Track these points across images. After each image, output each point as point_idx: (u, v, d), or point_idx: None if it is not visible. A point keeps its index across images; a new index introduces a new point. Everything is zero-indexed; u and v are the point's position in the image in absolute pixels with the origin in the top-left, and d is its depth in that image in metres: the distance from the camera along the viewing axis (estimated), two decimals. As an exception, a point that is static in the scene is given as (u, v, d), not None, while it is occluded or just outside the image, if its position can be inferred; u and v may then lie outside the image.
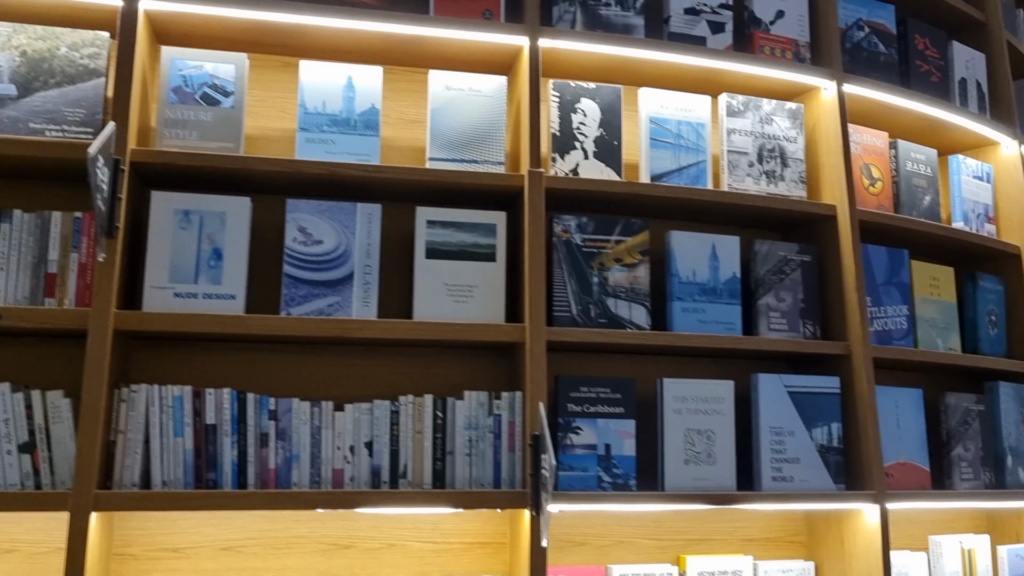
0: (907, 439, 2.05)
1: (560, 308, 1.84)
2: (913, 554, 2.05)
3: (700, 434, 1.85)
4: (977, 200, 2.43)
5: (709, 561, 1.92)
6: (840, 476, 1.93)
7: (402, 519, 1.82)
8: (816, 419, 1.94)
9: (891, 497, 1.92)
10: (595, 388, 1.80)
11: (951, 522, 2.31)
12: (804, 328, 2.01)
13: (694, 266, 1.94)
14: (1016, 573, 2.22)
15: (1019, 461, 2.25)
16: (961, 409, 2.17)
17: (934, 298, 2.24)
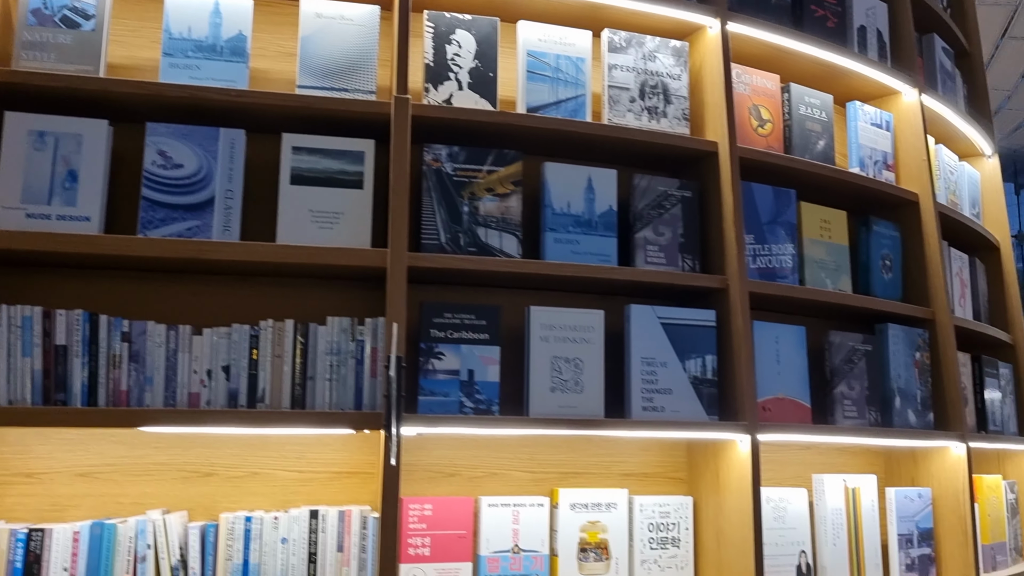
0: (787, 375, 2.05)
1: (429, 236, 1.83)
2: (794, 490, 2.05)
3: (568, 362, 1.84)
4: (875, 147, 2.43)
5: (582, 494, 1.91)
6: (714, 408, 1.93)
7: (266, 447, 1.81)
8: (690, 351, 1.94)
9: (764, 429, 1.92)
10: (460, 315, 1.79)
11: (844, 464, 2.31)
12: (683, 263, 2.01)
13: (569, 198, 1.93)
14: (904, 514, 2.23)
15: (908, 403, 2.25)
16: (846, 348, 2.17)
17: (824, 240, 2.24)
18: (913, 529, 2.23)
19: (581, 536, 1.90)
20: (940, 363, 2.33)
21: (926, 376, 2.31)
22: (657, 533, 1.96)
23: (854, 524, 2.12)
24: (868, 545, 2.13)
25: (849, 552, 2.09)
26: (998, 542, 2.53)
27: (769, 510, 2.00)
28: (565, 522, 1.89)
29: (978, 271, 2.83)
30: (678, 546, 1.97)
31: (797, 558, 2.01)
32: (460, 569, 1.81)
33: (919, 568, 2.22)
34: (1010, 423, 2.74)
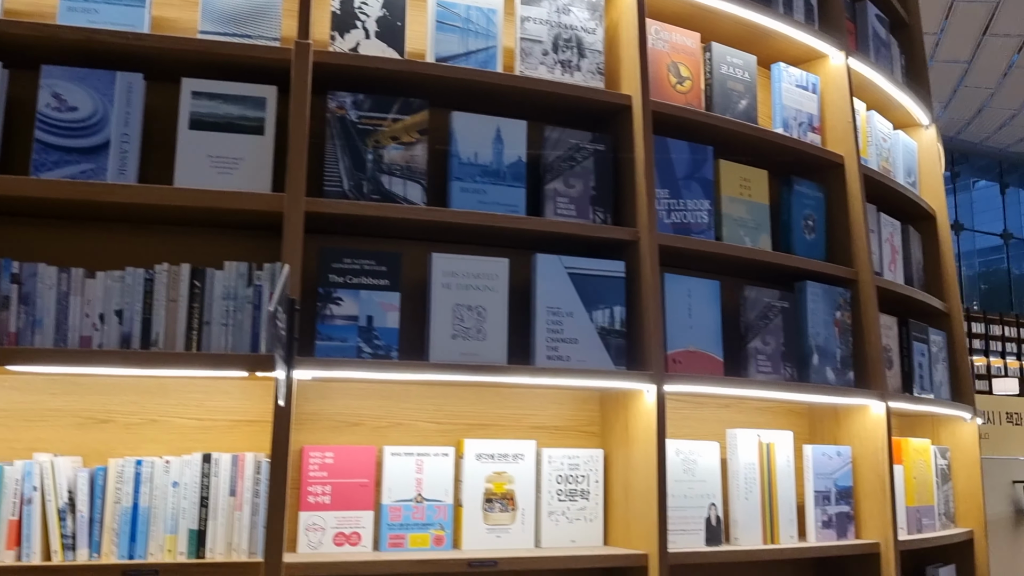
0: (699, 329, 2.05)
1: (331, 183, 1.82)
2: (705, 443, 2.05)
3: (470, 310, 1.83)
4: (800, 109, 2.43)
5: (489, 444, 1.90)
6: (621, 359, 1.93)
7: (165, 394, 1.79)
8: (598, 302, 1.94)
9: (671, 379, 1.92)
10: (359, 260, 1.78)
11: (765, 423, 2.31)
12: (594, 215, 2.01)
13: (476, 148, 1.93)
14: (822, 472, 2.23)
15: (827, 361, 2.25)
16: (762, 304, 2.17)
17: (744, 198, 2.24)
18: (831, 487, 2.23)
19: (487, 487, 1.89)
20: (862, 323, 2.33)
21: (847, 335, 2.32)
22: (566, 485, 1.95)
23: (768, 479, 2.12)
24: (783, 501, 2.13)
25: (762, 507, 2.09)
26: (925, 505, 2.53)
27: (678, 462, 2.00)
28: (471, 472, 1.88)
29: (912, 239, 2.84)
30: (587, 498, 1.96)
31: (707, 511, 2.01)
32: (361, 517, 1.80)
33: (836, 525, 2.22)
34: (942, 389, 2.74)
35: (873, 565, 2.23)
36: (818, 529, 2.19)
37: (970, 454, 2.78)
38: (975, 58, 15.94)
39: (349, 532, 1.79)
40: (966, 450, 2.79)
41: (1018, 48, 15.24)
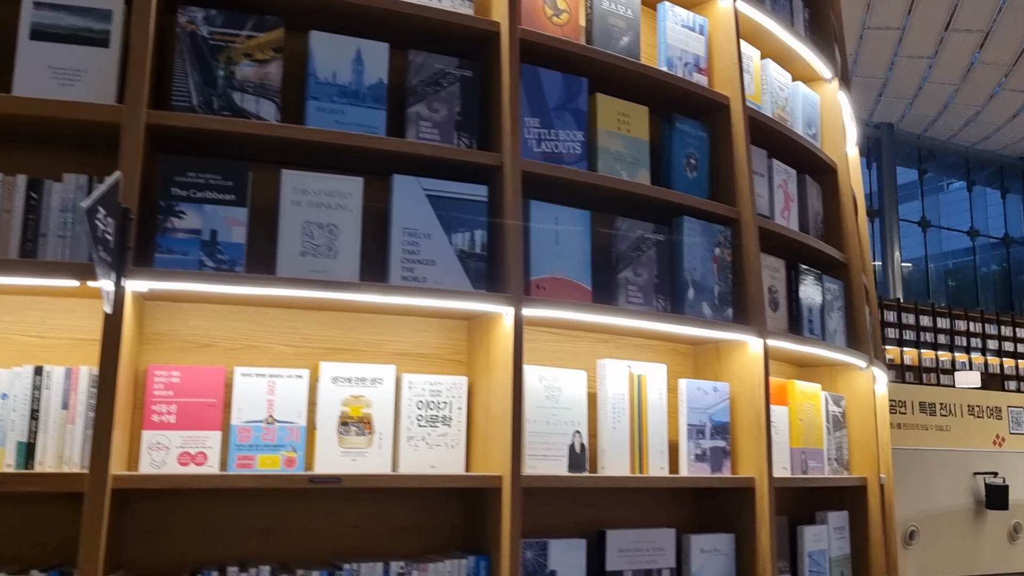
0: (566, 257, 2.04)
1: (179, 98, 1.79)
2: (571, 371, 2.04)
3: (321, 228, 1.81)
4: (686, 50, 2.43)
5: (346, 368, 1.88)
6: (481, 283, 1.91)
7: (8, 311, 1.76)
8: (458, 225, 1.92)
9: (531, 303, 1.91)
10: (204, 174, 1.76)
11: (647, 359, 2.30)
12: (459, 141, 1.99)
13: (335, 68, 1.91)
14: (697, 406, 2.23)
15: (704, 296, 2.25)
16: (635, 236, 2.16)
17: (622, 133, 2.24)
18: (706, 421, 2.23)
19: (343, 410, 1.87)
20: (742, 261, 2.34)
21: (726, 273, 2.32)
22: (427, 411, 1.93)
23: (638, 410, 2.12)
24: (653, 432, 2.13)
25: (631, 437, 2.09)
26: (812, 448, 2.54)
27: (541, 389, 1.99)
28: (326, 395, 1.86)
29: (811, 189, 2.85)
30: (449, 425, 1.95)
31: (571, 438, 2.00)
32: (208, 437, 1.77)
33: (711, 459, 2.22)
34: (837, 337, 2.76)
35: (748, 499, 2.23)
36: (691, 462, 2.18)
37: (865, 403, 2.80)
38: (938, 54, 16.14)
39: (195, 452, 1.77)
40: (861, 399, 2.81)
41: (980, 44, 15.43)
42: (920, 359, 19.15)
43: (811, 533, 2.48)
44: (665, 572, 2.07)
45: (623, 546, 2.02)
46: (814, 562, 2.47)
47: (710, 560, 2.17)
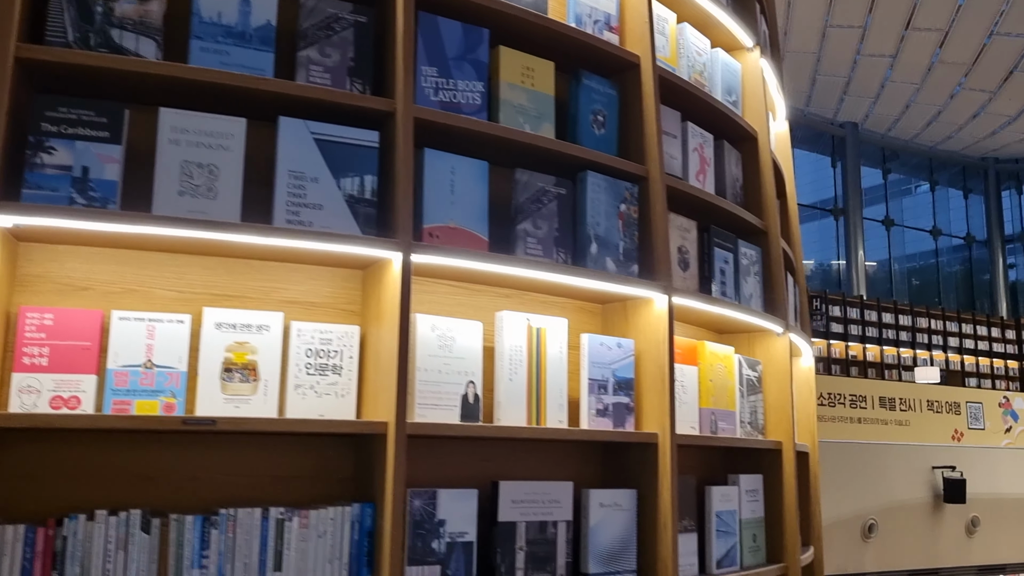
0: (462, 206, 2.02)
1: (55, 34, 1.75)
2: (466, 322, 2.02)
3: (201, 168, 1.78)
4: (596, 7, 2.43)
5: (231, 313, 1.85)
6: (371, 229, 1.89)
7: None
8: (347, 170, 1.90)
9: (421, 249, 1.89)
10: (77, 110, 1.71)
11: (560, 315, 2.29)
12: (352, 86, 1.97)
13: (220, 8, 1.87)
14: (599, 361, 2.22)
15: (608, 251, 2.24)
16: (536, 187, 2.15)
17: (526, 87, 2.22)
18: (609, 376, 2.22)
19: (227, 356, 1.83)
20: (649, 219, 2.33)
21: (632, 229, 2.31)
22: (316, 359, 1.90)
23: (536, 363, 2.10)
24: (552, 386, 2.12)
25: (529, 389, 2.08)
26: (723, 409, 2.55)
27: (434, 338, 1.97)
28: (209, 341, 1.82)
29: (729, 155, 2.86)
30: (339, 374, 1.92)
31: (464, 388, 1.98)
32: (82, 381, 1.73)
33: (613, 414, 2.21)
34: (753, 301, 2.76)
35: (651, 455, 2.23)
36: (592, 416, 2.18)
37: (781, 368, 2.81)
38: (899, 53, 16.36)
39: (68, 396, 1.72)
40: (778, 364, 2.82)
41: (940, 43, 15.66)
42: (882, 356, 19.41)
43: (719, 493, 2.49)
44: (561, 525, 2.06)
45: (517, 497, 2.01)
46: (722, 522, 2.47)
47: (610, 515, 2.16)
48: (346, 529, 1.80)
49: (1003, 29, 14.66)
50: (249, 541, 1.72)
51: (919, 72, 16.95)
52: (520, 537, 1.99)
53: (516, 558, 1.98)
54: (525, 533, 2.00)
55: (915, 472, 13.36)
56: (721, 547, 2.46)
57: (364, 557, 1.80)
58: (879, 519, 12.71)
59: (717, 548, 2.44)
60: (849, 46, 15.90)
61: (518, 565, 1.98)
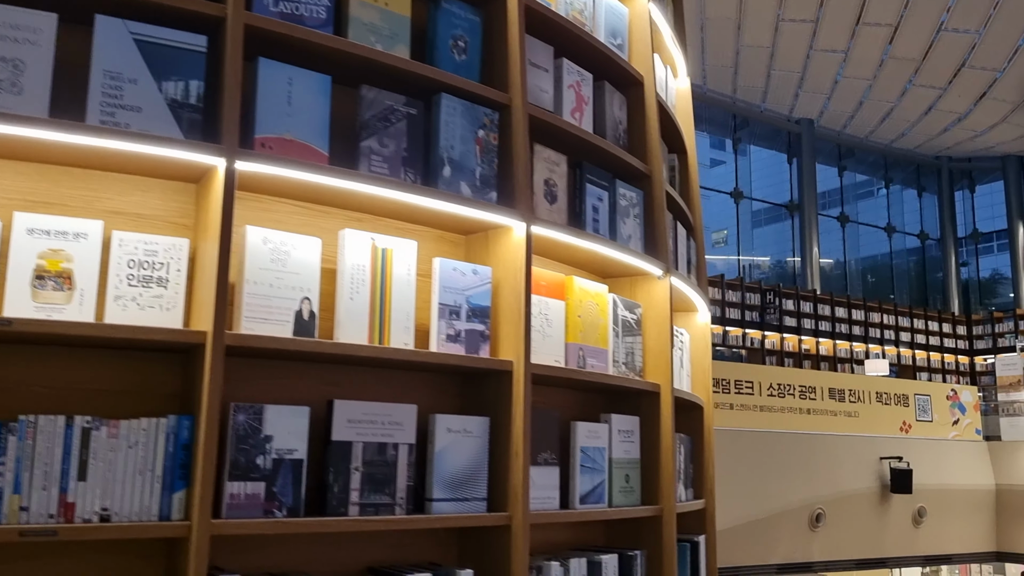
0: (300, 118, 1.96)
1: None
2: (303, 237, 1.96)
3: (4, 62, 1.70)
4: (463, -66, 2.38)
5: (44, 220, 1.77)
6: (195, 134, 1.83)
7: None
8: (171, 73, 1.83)
9: (249, 157, 1.84)
10: None
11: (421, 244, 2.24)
12: (183, -8, 1.91)
13: (38, -97, 1.80)
14: (452, 286, 2.18)
15: (462, 175, 2.21)
16: (383, 105, 2.10)
17: (379, 6, 2.17)
18: (463, 303, 2.18)
19: (39, 263, 1.76)
20: (510, 147, 2.30)
21: (491, 156, 2.28)
22: (140, 271, 1.84)
23: (381, 284, 2.05)
24: (398, 307, 2.07)
25: (371, 309, 2.03)
26: (593, 346, 2.52)
27: (266, 250, 1.91)
28: (19, 247, 1.74)
29: (612, 98, 2.83)
30: (165, 286, 1.85)
31: (299, 304, 1.93)
32: None
33: (466, 340, 2.17)
34: (632, 242, 2.74)
35: (506, 383, 2.19)
36: (442, 341, 2.13)
37: (661, 312, 2.79)
38: (851, 48, 16.58)
39: None
40: (658, 308, 2.80)
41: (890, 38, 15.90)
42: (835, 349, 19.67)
43: (586, 429, 2.46)
44: (403, 447, 2.01)
45: (354, 417, 1.96)
46: (588, 457, 2.44)
47: (458, 440, 2.12)
48: (160, 441, 1.74)
49: (951, 25, 14.93)
50: (50, 449, 1.65)
51: (871, 68, 17.19)
52: (356, 458, 1.94)
53: (351, 478, 1.93)
54: (362, 454, 1.95)
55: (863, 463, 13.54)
56: (586, 483, 2.43)
57: (179, 470, 1.74)
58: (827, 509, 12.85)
59: (581, 484, 2.41)
60: (802, 40, 16.09)
61: (353, 486, 1.93)
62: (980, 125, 19.32)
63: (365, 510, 1.93)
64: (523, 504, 2.13)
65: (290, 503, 1.84)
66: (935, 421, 15.34)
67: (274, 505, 1.82)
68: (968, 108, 18.39)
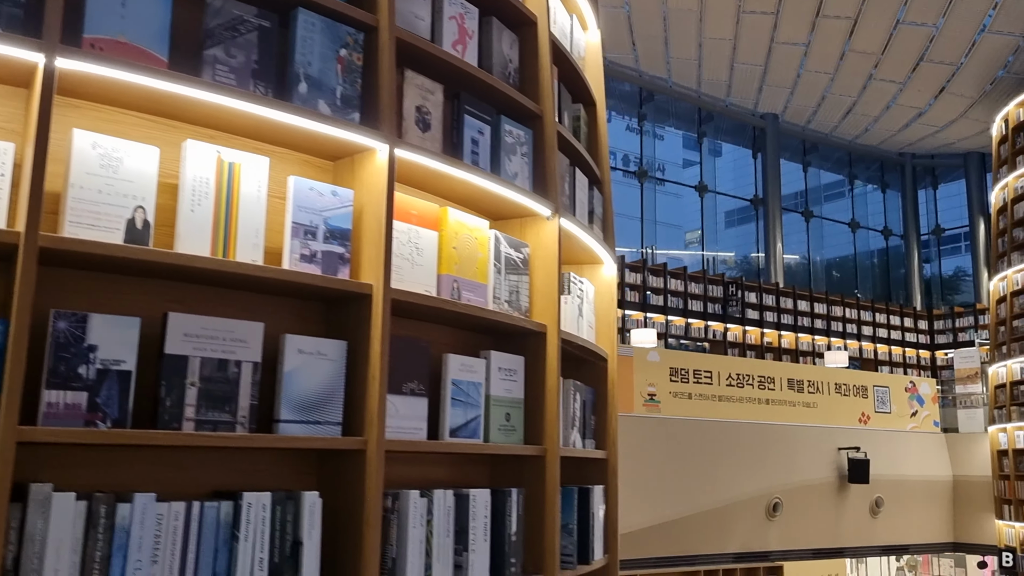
0: (135, 21, 1.88)
1: None
2: (139, 145, 1.89)
3: None
4: None
5: None
6: (16, 29, 1.75)
7: None
8: (-10, -34, 1.76)
9: (73, 54, 1.76)
10: None
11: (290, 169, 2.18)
12: None
13: None
14: (308, 206, 2.12)
15: (321, 94, 2.15)
16: (231, 15, 2.03)
17: (235, -83, 2.11)
18: (320, 223, 2.13)
19: None
20: (376, 70, 2.24)
21: (354, 76, 2.22)
22: (-41, 174, 1.76)
23: (227, 197, 1.99)
24: (245, 224, 2.00)
25: (215, 223, 1.96)
26: (470, 279, 2.47)
27: (94, 155, 1.83)
28: None
29: (502, 36, 2.79)
30: (-14, 191, 1.78)
31: (132, 212, 1.86)
32: None
33: (323, 262, 2.11)
34: (518, 179, 2.70)
35: (365, 307, 2.14)
36: (295, 261, 2.07)
37: (550, 253, 2.75)
38: (812, 41, 16.71)
39: None
40: (546, 249, 2.76)
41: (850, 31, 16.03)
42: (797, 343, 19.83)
43: (458, 362, 2.41)
44: (246, 365, 1.95)
45: (191, 331, 1.89)
46: (461, 391, 2.39)
47: (311, 363, 2.06)
48: (-29, 345, 1.66)
49: (908, 18, 15.09)
50: None
51: (832, 61, 17.35)
52: (192, 373, 1.88)
53: (186, 394, 1.86)
54: (199, 369, 1.89)
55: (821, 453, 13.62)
56: (458, 417, 2.38)
57: (-9, 375, 1.66)
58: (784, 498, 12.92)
59: (453, 417, 2.36)
60: (763, 33, 16.19)
61: (188, 401, 1.86)
62: (940, 120, 19.56)
63: (202, 426, 1.87)
64: (378, 429, 2.07)
65: (115, 415, 1.77)
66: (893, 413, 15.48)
67: (97, 416, 1.75)
68: (928, 103, 18.62)
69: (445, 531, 2.24)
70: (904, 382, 15.90)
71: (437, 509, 2.22)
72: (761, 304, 18.97)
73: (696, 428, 12.02)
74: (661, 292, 17.11)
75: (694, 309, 17.76)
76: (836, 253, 25.03)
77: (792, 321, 19.69)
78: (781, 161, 21.92)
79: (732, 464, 12.17)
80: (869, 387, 15.28)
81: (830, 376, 14.83)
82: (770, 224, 21.48)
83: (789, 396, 14.22)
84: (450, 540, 2.25)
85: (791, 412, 13.95)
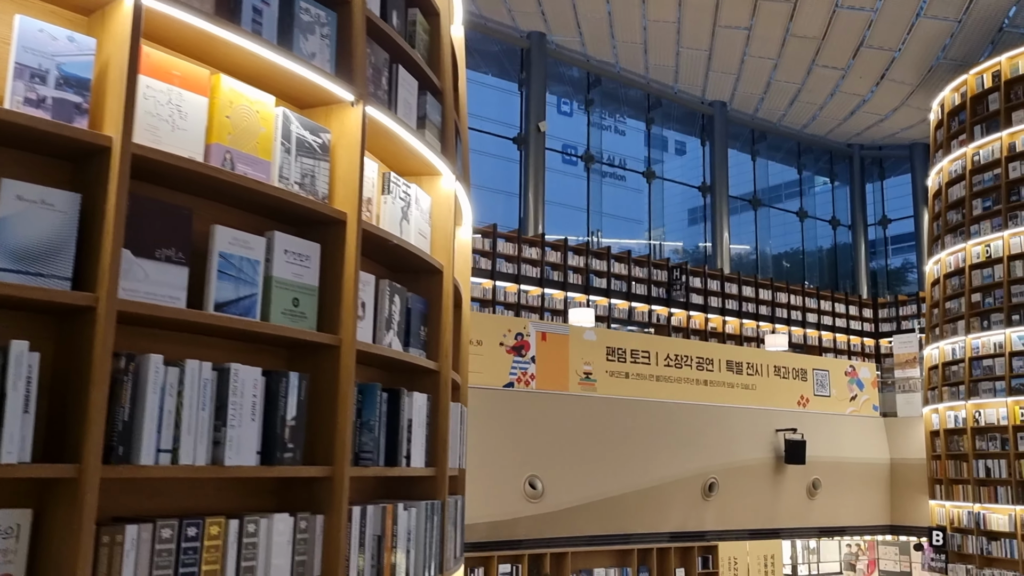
0: None
1: None
2: None
3: None
4: None
5: None
6: None
7: None
8: None
9: None
10: None
11: (1, 12, 2.04)
12: None
13: None
14: (31, 46, 1.98)
15: (57, -68, 2.01)
16: None
17: None
18: (52, 68, 1.99)
19: None
20: (128, -86, 2.11)
21: None
22: None
23: (-68, 28, 1.85)
24: (-44, 58, 1.87)
25: (-84, 54, 1.82)
26: (248, 153, 2.36)
27: None
28: None
29: (307, -86, 2.67)
30: None
31: None
32: None
33: (54, 108, 1.97)
34: (318, 61, 2.58)
35: (106, 157, 2.01)
36: (18, 103, 1.94)
37: (352, 141, 2.64)
38: (754, 25, 16.81)
39: None
40: (349, 136, 2.65)
41: (790, 15, 16.15)
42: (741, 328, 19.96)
43: (230, 235, 2.29)
44: (-52, 206, 1.81)
45: None
46: (231, 265, 2.27)
47: (35, 211, 1.92)
48: None
49: (846, 2, 15.23)
50: None
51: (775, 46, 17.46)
52: None
53: None
54: None
55: (758, 434, 13.67)
56: (227, 292, 2.26)
57: None
58: (720, 478, 12.95)
59: (219, 291, 2.24)
60: (706, 15, 16.24)
61: None
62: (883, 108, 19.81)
63: None
64: (110, 288, 1.95)
65: None
66: (833, 396, 15.62)
67: None
68: (870, 90, 18.84)
69: (199, 404, 2.12)
70: (844, 366, 16.06)
71: (190, 380, 2.10)
72: (706, 289, 19.07)
73: (633, 407, 12.01)
74: (604, 275, 17.11)
75: (638, 293, 17.79)
76: (786, 244, 25.28)
77: (737, 307, 19.83)
78: (731, 152, 22.05)
79: (669, 444, 12.17)
80: (809, 371, 15.38)
81: (770, 359, 14.92)
82: (717, 212, 21.61)
83: (728, 378, 14.26)
84: (207, 414, 2.13)
85: (729, 394, 14.00)
